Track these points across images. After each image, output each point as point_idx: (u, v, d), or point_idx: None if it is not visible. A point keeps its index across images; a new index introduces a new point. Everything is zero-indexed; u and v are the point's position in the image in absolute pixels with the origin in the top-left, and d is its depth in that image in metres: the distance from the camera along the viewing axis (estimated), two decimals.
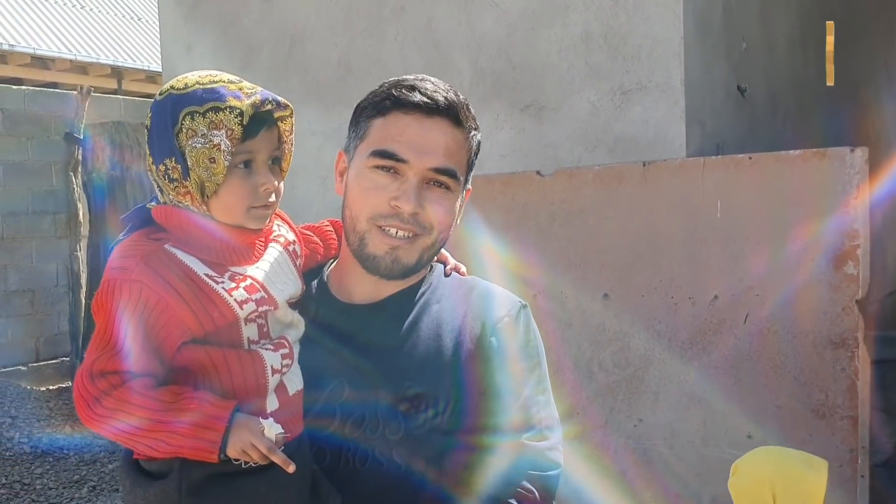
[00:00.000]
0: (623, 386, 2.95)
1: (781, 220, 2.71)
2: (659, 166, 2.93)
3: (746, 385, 2.76)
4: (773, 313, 2.72)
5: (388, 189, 1.35)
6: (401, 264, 1.37)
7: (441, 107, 1.35)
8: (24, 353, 7.45)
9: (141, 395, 1.17)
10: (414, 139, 1.35)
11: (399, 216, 1.35)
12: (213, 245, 1.25)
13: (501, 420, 1.33)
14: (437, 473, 1.30)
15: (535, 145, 3.56)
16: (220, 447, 1.17)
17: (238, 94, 1.23)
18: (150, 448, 1.19)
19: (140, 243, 1.25)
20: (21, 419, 5.25)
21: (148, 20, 12.29)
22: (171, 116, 1.22)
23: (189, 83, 1.25)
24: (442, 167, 1.36)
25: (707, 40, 3.43)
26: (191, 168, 1.21)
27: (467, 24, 3.74)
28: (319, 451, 1.33)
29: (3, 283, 7.32)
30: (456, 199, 1.40)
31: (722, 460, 2.75)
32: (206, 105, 1.21)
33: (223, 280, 1.24)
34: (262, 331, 1.28)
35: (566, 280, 3.06)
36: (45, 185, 7.54)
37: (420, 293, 1.44)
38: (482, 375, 1.35)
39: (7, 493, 4.37)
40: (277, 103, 1.27)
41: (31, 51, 10.12)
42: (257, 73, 4.42)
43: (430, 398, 1.33)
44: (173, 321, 1.20)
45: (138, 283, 1.19)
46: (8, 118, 7.31)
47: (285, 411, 1.28)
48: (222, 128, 1.20)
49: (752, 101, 3.84)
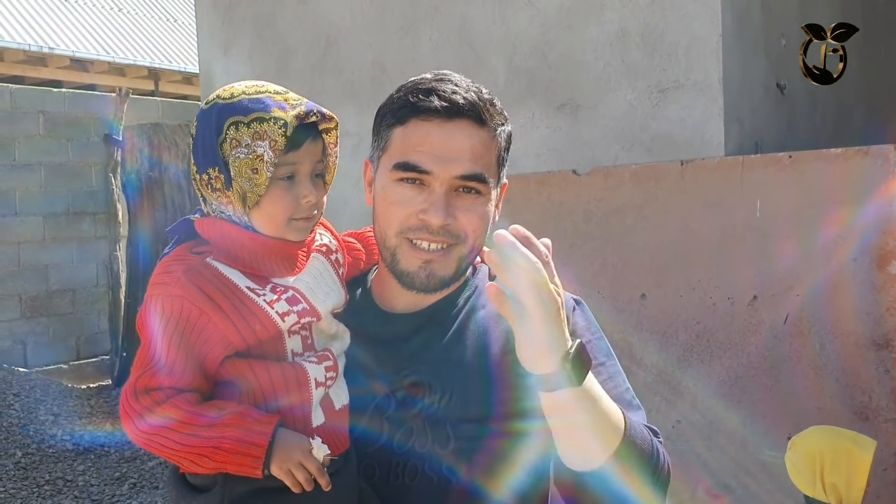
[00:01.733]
0: (661, 387, 2.93)
1: (822, 220, 2.67)
2: (697, 165, 2.91)
3: (786, 386, 2.72)
4: (814, 314, 2.68)
5: (414, 202, 1.28)
6: (437, 277, 1.31)
7: (462, 108, 1.27)
8: (65, 352, 7.58)
9: (184, 410, 1.17)
10: (436, 148, 1.27)
11: (428, 228, 1.28)
12: (255, 256, 1.24)
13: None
14: (489, 485, 1.26)
15: (571, 144, 3.55)
16: (263, 462, 1.16)
17: (283, 104, 1.22)
18: (194, 464, 1.19)
19: (181, 258, 1.24)
20: (63, 417, 5.35)
21: (184, 22, 12.43)
22: (215, 126, 1.22)
23: (235, 93, 1.24)
24: (468, 173, 1.28)
25: (745, 37, 3.39)
26: (233, 178, 1.21)
27: (502, 22, 3.73)
28: (368, 466, 1.30)
29: (44, 282, 7.45)
30: (488, 202, 1.32)
31: (762, 463, 2.72)
32: (251, 115, 1.20)
33: (265, 292, 1.22)
34: (306, 343, 1.27)
35: (603, 280, 3.05)
36: (85, 186, 7.66)
37: (465, 298, 1.38)
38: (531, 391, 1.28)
39: (51, 489, 4.46)
40: (322, 115, 1.25)
41: (70, 53, 10.29)
42: (293, 75, 4.46)
43: (478, 409, 1.28)
44: (215, 335, 1.19)
45: (179, 299, 1.19)
46: (48, 120, 7.43)
47: (331, 426, 1.26)
48: (266, 138, 1.19)
49: (791, 99, 3.79)
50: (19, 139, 7.25)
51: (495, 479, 1.27)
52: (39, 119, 7.38)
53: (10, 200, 7.21)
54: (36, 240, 7.37)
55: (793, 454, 2.20)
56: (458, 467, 1.26)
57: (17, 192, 7.26)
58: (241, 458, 1.16)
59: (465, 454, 1.27)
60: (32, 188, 7.35)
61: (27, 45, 9.91)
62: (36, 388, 5.69)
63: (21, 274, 7.30)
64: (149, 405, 1.17)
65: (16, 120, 7.24)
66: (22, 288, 7.29)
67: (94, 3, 11.81)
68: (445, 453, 1.27)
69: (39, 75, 10.17)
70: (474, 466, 1.27)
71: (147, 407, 1.17)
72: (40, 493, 4.41)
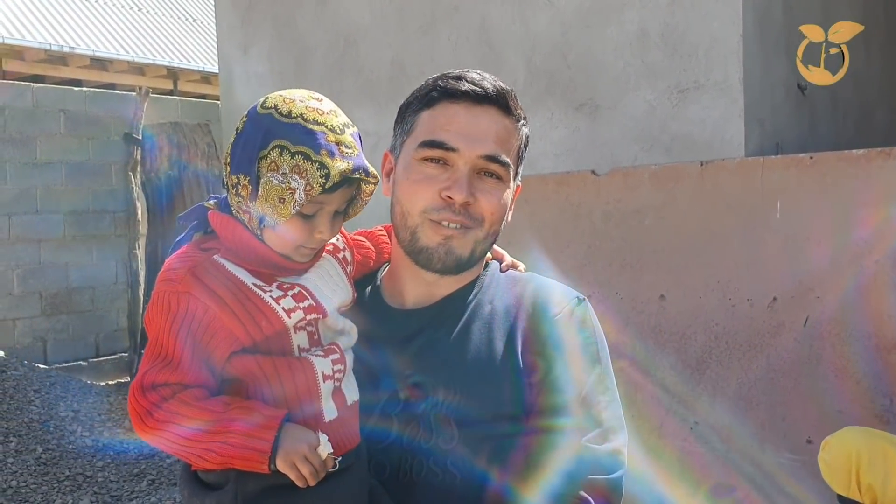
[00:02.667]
0: (679, 388, 2.92)
1: (843, 221, 2.65)
2: (717, 166, 2.89)
3: (806, 388, 2.71)
4: (835, 316, 2.66)
5: (438, 180, 1.31)
6: (455, 255, 1.33)
7: (490, 94, 1.32)
8: (85, 349, 7.63)
9: (191, 406, 1.17)
10: (463, 127, 1.32)
11: (450, 208, 1.31)
12: (262, 262, 1.25)
13: (560, 420, 1.28)
14: (492, 479, 1.27)
15: (590, 144, 3.54)
16: (269, 457, 1.16)
17: (334, 150, 1.19)
18: (202, 459, 1.19)
19: (189, 255, 1.26)
20: (83, 413, 5.39)
21: (203, 22, 12.49)
22: (262, 138, 1.20)
23: (294, 112, 1.20)
24: (493, 154, 1.32)
25: (767, 37, 3.37)
26: (259, 197, 1.20)
27: (521, 22, 3.73)
28: (379, 463, 1.31)
29: (65, 280, 7.50)
30: (507, 190, 1.36)
31: (780, 465, 2.71)
32: (299, 147, 1.18)
33: (271, 289, 1.23)
34: (312, 338, 1.27)
35: (621, 280, 3.04)
36: (106, 185, 7.71)
37: (473, 294, 1.40)
38: (537, 373, 1.30)
39: (70, 484, 4.49)
40: (367, 173, 1.23)
41: (90, 52, 10.35)
42: (312, 74, 4.47)
43: (484, 403, 1.30)
44: (221, 331, 1.20)
45: (186, 294, 1.19)
46: (69, 119, 7.49)
47: (344, 421, 1.27)
48: (304, 178, 1.17)
49: (812, 100, 3.77)
50: (40, 138, 7.31)
51: (501, 475, 1.28)
52: (60, 118, 7.44)
53: (32, 199, 7.27)
54: (56, 238, 7.43)
55: (827, 454, 2.18)
56: (462, 464, 1.28)
57: (39, 191, 7.31)
58: (247, 453, 1.16)
59: (471, 451, 1.29)
60: (53, 187, 7.41)
61: (48, 44, 9.99)
62: (56, 385, 5.73)
63: (42, 272, 7.36)
64: (156, 401, 1.18)
65: (37, 119, 7.29)
66: (42, 286, 7.35)
67: (114, 2, 11.90)
68: (450, 450, 1.29)
69: (60, 74, 10.24)
70: (479, 463, 1.28)
71: (154, 402, 1.18)
72: (60, 488, 4.45)
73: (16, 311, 7.23)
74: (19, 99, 7.22)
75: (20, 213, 7.22)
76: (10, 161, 7.14)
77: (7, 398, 5.25)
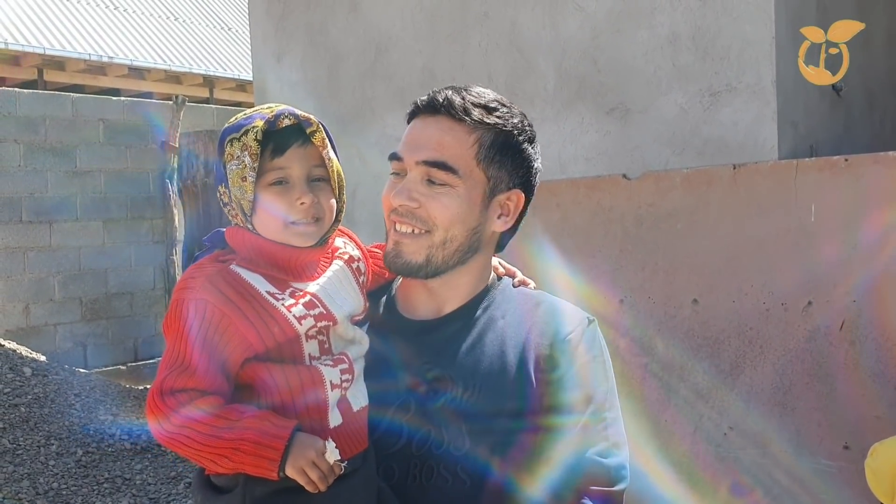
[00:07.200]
0: (712, 393, 2.89)
1: (879, 225, 2.62)
2: (750, 169, 2.87)
3: (843, 394, 2.67)
4: (872, 321, 2.62)
5: (392, 189, 1.39)
6: (403, 259, 1.38)
7: (439, 104, 1.37)
8: (124, 353, 7.77)
9: (207, 413, 1.21)
10: (412, 137, 1.39)
11: (397, 212, 1.38)
12: (273, 260, 1.30)
13: (567, 435, 1.32)
14: (502, 485, 1.30)
15: (621, 148, 3.53)
16: (279, 465, 1.20)
17: (264, 115, 1.28)
18: (215, 464, 1.23)
19: (206, 265, 1.31)
20: (122, 417, 5.48)
21: (237, 30, 12.65)
22: (220, 146, 1.31)
23: (239, 116, 1.33)
24: (430, 159, 1.35)
25: (800, 39, 3.34)
26: (231, 188, 1.29)
27: (551, 27, 3.73)
28: (388, 467, 1.35)
29: (104, 285, 7.64)
30: (460, 196, 1.37)
31: (817, 471, 2.68)
32: (241, 130, 1.28)
33: (283, 297, 1.27)
34: (323, 347, 1.31)
35: (654, 285, 3.02)
36: (143, 192, 7.84)
37: (483, 308, 1.44)
38: (547, 391, 1.34)
39: (110, 487, 4.57)
40: (296, 117, 1.29)
41: (128, 62, 10.54)
42: (343, 82, 4.51)
43: (502, 403, 1.33)
44: (236, 337, 1.24)
45: (202, 301, 1.24)
46: (108, 128, 7.63)
47: (350, 427, 1.30)
48: (247, 147, 1.27)
49: (847, 101, 3.72)
50: (80, 146, 7.46)
51: (509, 478, 1.31)
52: (100, 127, 7.58)
53: (72, 206, 7.42)
54: (96, 244, 7.57)
55: (873, 461, 2.14)
56: (473, 470, 1.31)
57: (78, 198, 7.46)
58: (258, 460, 1.20)
59: (482, 453, 1.32)
60: (93, 194, 7.55)
61: (87, 54, 10.19)
62: (96, 389, 5.83)
63: (81, 277, 7.50)
64: (174, 406, 1.22)
65: (77, 128, 7.44)
66: (82, 291, 7.50)
67: (150, 12, 12.09)
68: (461, 456, 1.32)
69: (99, 84, 10.44)
70: (489, 469, 1.31)
71: (172, 408, 1.22)
72: (100, 490, 4.53)
73: (57, 316, 7.37)
74: (59, 109, 7.38)
75: (61, 221, 7.37)
76: (52, 170, 7.30)
77: (48, 402, 5.36)
